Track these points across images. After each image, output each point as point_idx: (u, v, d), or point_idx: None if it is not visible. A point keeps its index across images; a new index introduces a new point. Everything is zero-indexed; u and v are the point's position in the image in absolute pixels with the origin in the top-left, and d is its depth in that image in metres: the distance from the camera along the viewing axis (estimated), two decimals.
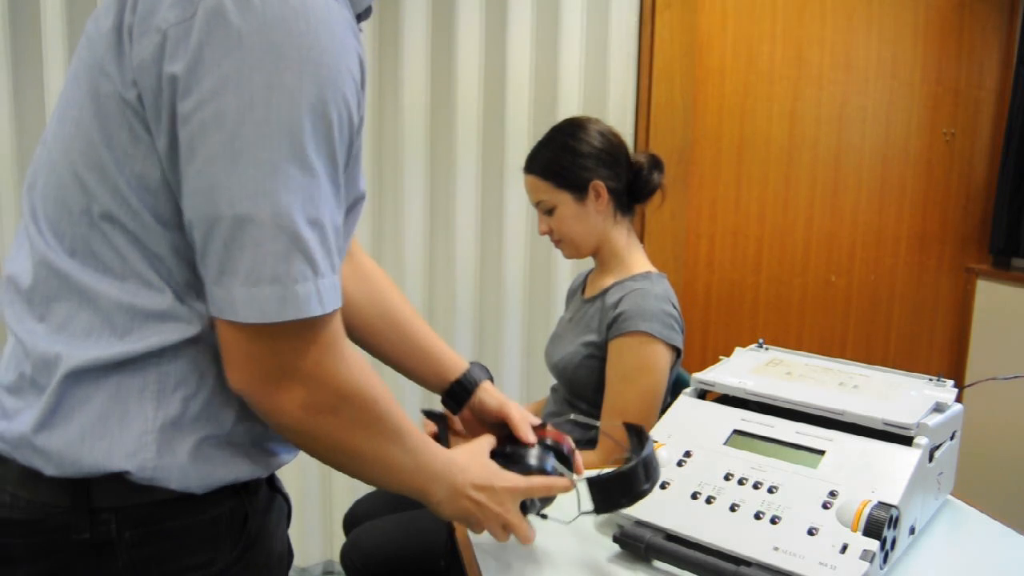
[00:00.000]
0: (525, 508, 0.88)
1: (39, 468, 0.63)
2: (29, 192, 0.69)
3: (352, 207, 0.73)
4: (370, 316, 0.99)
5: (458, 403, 1.02)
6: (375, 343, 1.00)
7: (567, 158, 1.45)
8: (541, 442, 0.93)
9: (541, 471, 0.89)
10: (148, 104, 0.61)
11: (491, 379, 1.04)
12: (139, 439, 0.64)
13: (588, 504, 0.88)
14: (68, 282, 0.64)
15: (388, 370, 1.03)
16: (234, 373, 0.64)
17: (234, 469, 0.70)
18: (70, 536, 0.64)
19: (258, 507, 0.74)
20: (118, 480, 0.64)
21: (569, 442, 0.95)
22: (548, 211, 1.48)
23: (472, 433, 1.02)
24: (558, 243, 1.51)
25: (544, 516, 0.93)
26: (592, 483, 0.87)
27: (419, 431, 0.78)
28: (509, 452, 0.91)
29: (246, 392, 0.65)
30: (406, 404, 2.08)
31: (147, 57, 0.60)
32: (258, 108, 0.58)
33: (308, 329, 0.63)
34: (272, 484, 0.80)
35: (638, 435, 0.92)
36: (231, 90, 0.58)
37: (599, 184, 1.45)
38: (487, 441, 0.91)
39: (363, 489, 1.75)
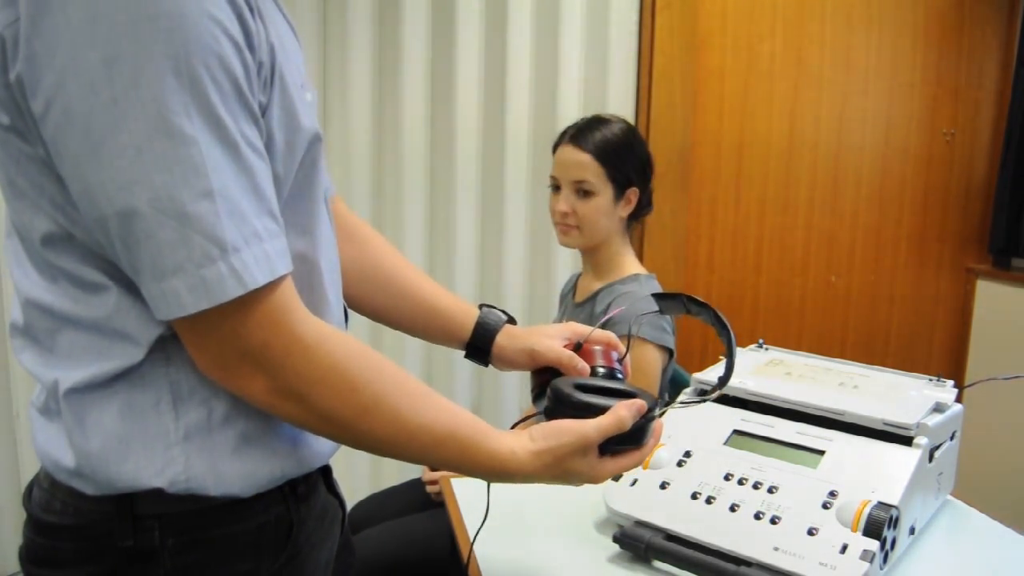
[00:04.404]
0: (617, 446, 0.74)
1: (81, 489, 0.63)
2: (8, 239, 0.67)
3: (306, 152, 0.66)
4: (360, 280, 0.89)
5: (482, 357, 0.92)
6: (373, 307, 0.91)
7: (626, 153, 1.47)
8: (594, 372, 0.85)
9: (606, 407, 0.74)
10: (15, 117, 0.57)
11: (510, 319, 0.93)
12: (165, 455, 0.62)
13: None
14: (53, 312, 0.62)
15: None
16: (199, 364, 0.61)
17: (280, 465, 0.67)
18: (115, 543, 0.63)
19: (306, 515, 0.72)
20: (157, 493, 0.63)
21: (612, 356, 0.88)
22: (585, 193, 1.46)
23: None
24: (572, 227, 1.48)
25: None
26: (721, 378, 0.81)
27: (459, 424, 0.68)
28: (567, 399, 0.75)
29: (216, 381, 0.61)
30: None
31: None
32: (101, 91, 0.52)
33: (241, 310, 0.57)
34: (330, 486, 0.79)
35: (719, 321, 0.84)
36: (70, 80, 0.52)
37: (635, 192, 1.47)
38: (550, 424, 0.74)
39: (361, 493, 1.74)
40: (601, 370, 0.86)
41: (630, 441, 0.74)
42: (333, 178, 2.22)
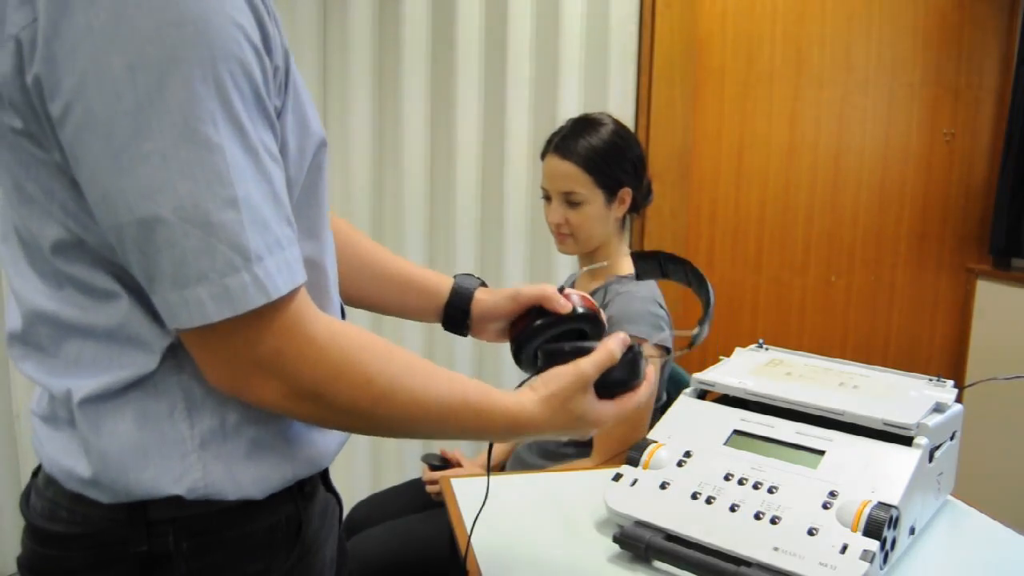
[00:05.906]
0: (614, 388, 0.78)
1: (95, 498, 0.62)
2: (4, 244, 0.66)
3: (313, 156, 0.66)
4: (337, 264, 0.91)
5: (460, 324, 0.93)
6: (350, 291, 0.91)
7: (613, 158, 1.44)
8: (574, 311, 0.87)
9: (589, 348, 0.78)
10: (29, 121, 0.56)
11: (483, 283, 0.96)
12: (182, 462, 0.62)
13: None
14: (58, 320, 0.61)
15: None
16: (207, 375, 0.60)
17: (292, 466, 0.67)
18: (128, 549, 0.63)
19: (313, 513, 0.72)
20: (173, 498, 0.62)
21: (590, 300, 0.90)
22: (575, 204, 1.44)
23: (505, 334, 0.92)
24: (567, 236, 1.48)
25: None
26: (700, 323, 0.87)
27: (468, 391, 0.69)
28: (559, 350, 0.79)
29: (226, 391, 0.61)
30: None
31: (8, 71, 0.54)
32: (126, 97, 0.51)
33: (258, 319, 0.57)
34: (327, 484, 0.79)
35: (700, 280, 0.91)
36: (92, 84, 0.51)
37: (627, 192, 1.46)
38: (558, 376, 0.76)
39: (361, 493, 1.74)
40: (580, 309, 0.88)
41: (626, 379, 0.79)
42: (332, 181, 2.20)
